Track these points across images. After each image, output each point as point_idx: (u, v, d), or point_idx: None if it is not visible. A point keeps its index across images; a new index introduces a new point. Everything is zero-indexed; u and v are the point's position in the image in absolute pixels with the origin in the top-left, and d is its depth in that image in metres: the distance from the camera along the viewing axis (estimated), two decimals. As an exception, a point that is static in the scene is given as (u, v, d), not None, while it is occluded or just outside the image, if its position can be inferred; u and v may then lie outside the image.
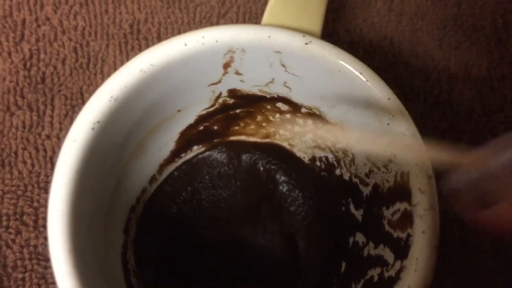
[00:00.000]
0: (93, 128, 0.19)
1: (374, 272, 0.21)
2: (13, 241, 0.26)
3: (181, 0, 0.30)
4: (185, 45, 0.20)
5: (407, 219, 0.19)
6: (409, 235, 0.19)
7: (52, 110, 0.28)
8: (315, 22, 0.22)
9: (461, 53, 0.31)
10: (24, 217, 0.26)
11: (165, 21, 0.30)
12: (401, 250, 0.19)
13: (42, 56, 0.29)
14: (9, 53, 0.28)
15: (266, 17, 0.22)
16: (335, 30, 0.31)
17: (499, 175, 0.16)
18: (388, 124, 0.20)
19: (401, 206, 0.20)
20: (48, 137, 0.27)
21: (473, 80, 0.30)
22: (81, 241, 0.18)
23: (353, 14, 0.31)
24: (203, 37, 0.20)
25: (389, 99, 0.20)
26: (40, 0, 0.29)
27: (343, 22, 0.31)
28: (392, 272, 0.19)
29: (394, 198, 0.20)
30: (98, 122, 0.19)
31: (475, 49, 0.31)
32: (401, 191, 0.20)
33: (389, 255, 0.20)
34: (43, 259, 0.26)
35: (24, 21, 0.29)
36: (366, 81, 0.20)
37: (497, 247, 0.28)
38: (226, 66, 0.21)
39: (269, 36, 0.20)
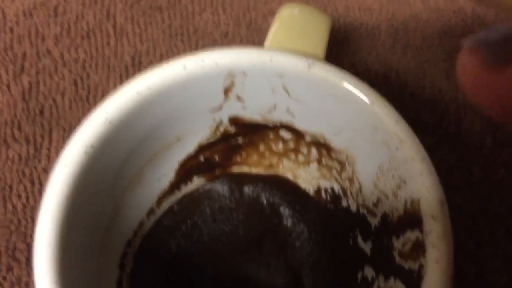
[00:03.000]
0: (86, 153, 0.18)
1: (385, 308, 0.19)
2: (4, 278, 0.25)
3: (183, 33, 0.30)
4: (184, 68, 0.19)
5: (419, 248, 0.18)
6: (421, 266, 0.17)
7: (50, 143, 0.27)
8: (318, 47, 0.22)
9: (469, 85, 0.30)
10: (17, 253, 0.25)
11: (167, 54, 0.29)
12: (413, 281, 0.17)
13: (41, 88, 0.28)
14: (8, 86, 0.28)
15: (268, 43, 0.22)
16: (340, 62, 0.30)
17: None
18: (397, 148, 0.19)
19: (412, 235, 0.19)
20: (44, 170, 0.27)
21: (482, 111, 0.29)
22: (69, 273, 0.17)
23: (357, 46, 0.31)
24: (203, 60, 0.19)
25: (396, 122, 0.19)
26: (41, 33, 0.29)
27: (347, 55, 0.31)
28: (404, 306, 0.18)
29: (405, 227, 0.19)
30: (92, 146, 0.18)
31: (483, 80, 0.30)
32: (412, 219, 0.19)
33: (400, 288, 0.19)
34: (35, 297, 0.25)
35: (24, 54, 0.29)
36: (372, 104, 0.19)
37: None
38: (227, 91, 0.21)
39: (271, 60, 0.20)
